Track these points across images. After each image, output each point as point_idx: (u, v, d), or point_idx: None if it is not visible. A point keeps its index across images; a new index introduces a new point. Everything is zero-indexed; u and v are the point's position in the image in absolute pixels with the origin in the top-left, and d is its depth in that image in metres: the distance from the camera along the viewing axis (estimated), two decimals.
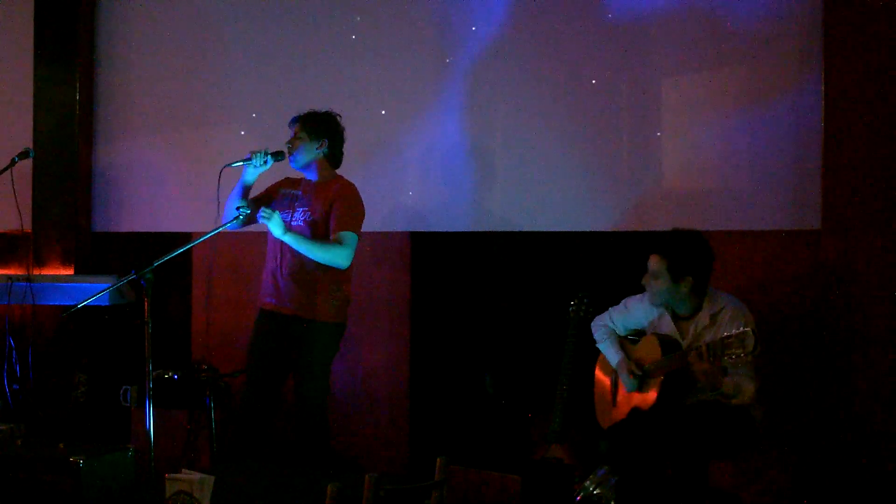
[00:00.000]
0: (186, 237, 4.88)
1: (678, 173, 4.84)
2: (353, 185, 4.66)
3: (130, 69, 5.79)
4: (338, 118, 4.69)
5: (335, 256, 4.47)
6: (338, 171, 4.71)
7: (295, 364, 4.57)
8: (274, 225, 4.40)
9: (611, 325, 4.37)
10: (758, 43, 4.67)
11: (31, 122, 5.77)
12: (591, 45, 4.96)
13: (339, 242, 4.47)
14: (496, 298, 5.12)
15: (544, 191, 5.03)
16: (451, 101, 5.19)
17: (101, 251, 5.82)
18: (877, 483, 4.34)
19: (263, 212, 4.42)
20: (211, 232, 4.51)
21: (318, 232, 4.53)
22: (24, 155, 4.82)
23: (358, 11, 5.36)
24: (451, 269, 5.22)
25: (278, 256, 4.57)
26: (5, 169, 4.78)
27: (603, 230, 4.92)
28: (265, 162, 4.52)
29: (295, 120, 4.65)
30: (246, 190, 4.61)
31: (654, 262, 4.06)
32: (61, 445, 4.40)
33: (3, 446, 4.44)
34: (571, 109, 4.99)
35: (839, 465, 4.41)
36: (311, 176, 4.65)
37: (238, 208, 4.49)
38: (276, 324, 4.58)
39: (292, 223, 4.55)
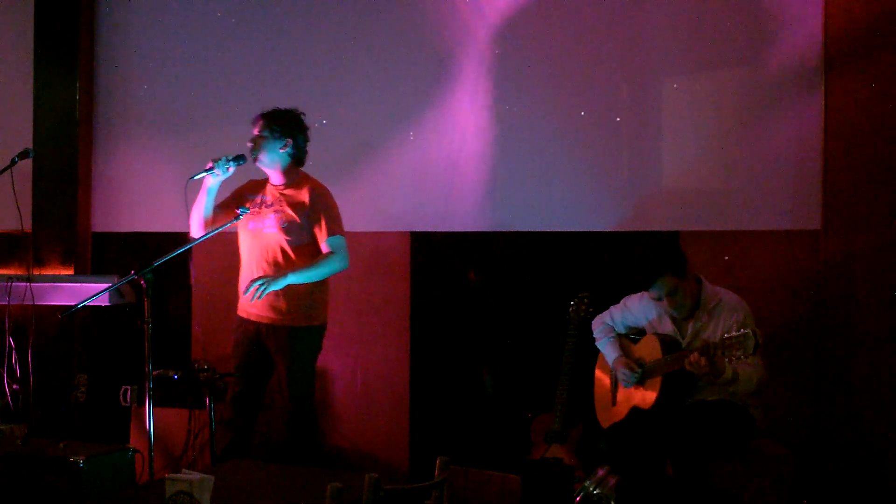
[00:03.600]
0: (186, 237, 4.87)
1: (678, 173, 4.84)
2: (323, 185, 4.58)
3: (130, 69, 5.79)
4: (302, 116, 4.58)
5: (337, 265, 4.47)
6: (312, 171, 4.62)
7: (281, 368, 4.53)
8: (273, 287, 4.37)
9: (611, 323, 4.37)
10: (758, 43, 4.67)
11: (31, 122, 5.77)
12: (590, 45, 4.96)
13: (333, 251, 4.45)
14: (496, 298, 5.12)
15: (544, 191, 5.03)
16: (452, 102, 5.19)
17: (101, 251, 5.82)
18: (876, 483, 4.34)
19: (262, 289, 4.37)
20: (211, 232, 4.51)
21: (294, 235, 4.46)
22: (24, 155, 4.82)
23: (360, 12, 5.36)
24: (451, 269, 5.22)
25: (254, 265, 4.52)
26: (5, 169, 4.78)
27: (603, 230, 4.92)
28: (228, 168, 4.42)
29: (258, 118, 4.55)
30: (210, 199, 4.51)
31: (668, 284, 4.01)
32: (61, 445, 4.40)
33: (4, 446, 4.44)
34: (571, 109, 4.99)
35: (839, 465, 4.41)
36: (277, 178, 4.56)
37: (238, 209, 4.47)
38: (257, 332, 4.55)
39: (265, 229, 4.48)
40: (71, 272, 5.68)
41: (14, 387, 5.36)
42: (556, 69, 5.02)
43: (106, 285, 4.81)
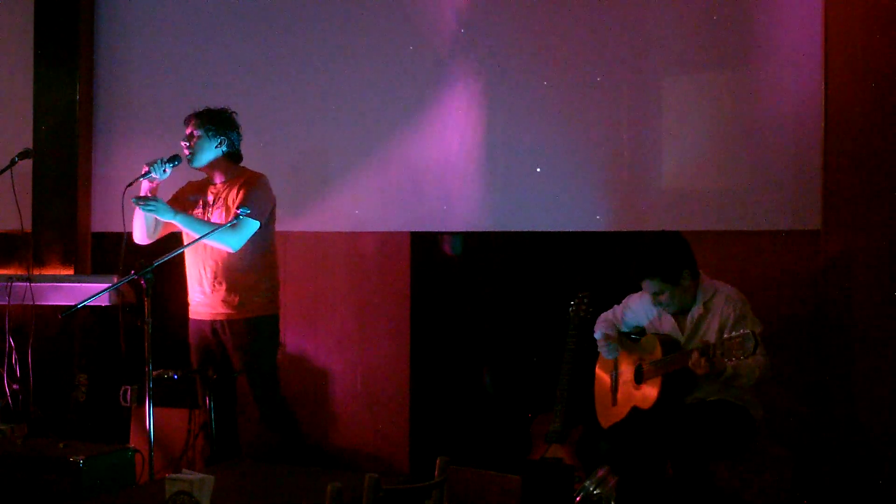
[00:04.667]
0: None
1: (678, 173, 4.84)
2: (263, 175, 4.56)
3: (130, 69, 5.79)
4: (234, 115, 4.59)
5: (223, 238, 4.35)
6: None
7: (242, 365, 4.53)
8: (162, 212, 4.31)
9: (612, 319, 4.38)
10: (758, 43, 4.67)
11: (31, 122, 5.77)
12: (590, 44, 4.96)
13: (232, 226, 4.36)
14: (496, 298, 5.12)
15: (544, 191, 5.03)
16: (451, 101, 5.18)
17: (101, 251, 5.82)
18: (876, 483, 4.34)
19: (148, 205, 4.30)
20: (210, 231, 4.51)
21: None
22: (24, 155, 4.82)
23: (358, 13, 5.36)
24: (451, 269, 5.21)
25: (200, 265, 4.52)
26: (5, 169, 4.78)
27: (603, 230, 4.92)
28: (164, 171, 4.39)
29: (190, 118, 4.53)
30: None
31: (649, 287, 4.06)
32: (61, 445, 4.40)
33: (3, 446, 4.44)
34: (571, 109, 4.99)
35: (839, 465, 4.41)
36: (217, 177, 4.56)
37: (238, 208, 4.48)
38: (213, 331, 4.55)
39: None
40: (71, 272, 5.68)
41: (14, 387, 5.36)
42: (556, 68, 5.01)
43: (106, 285, 4.81)
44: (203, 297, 4.55)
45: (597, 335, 4.38)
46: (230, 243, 4.38)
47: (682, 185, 4.83)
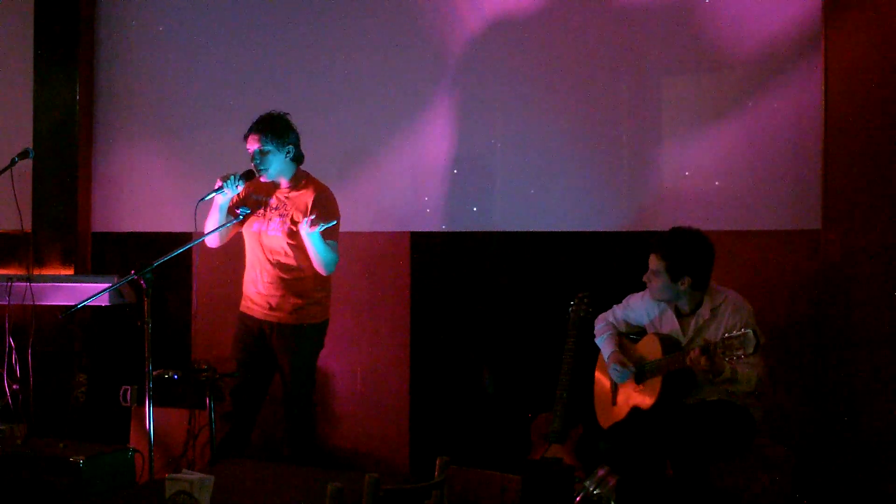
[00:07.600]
0: (187, 237, 4.88)
1: (678, 173, 4.84)
2: (328, 188, 4.60)
3: (130, 69, 5.79)
4: (289, 117, 4.59)
5: (333, 262, 4.48)
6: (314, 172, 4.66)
7: (282, 365, 4.56)
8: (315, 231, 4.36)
9: (612, 321, 4.38)
10: (758, 43, 4.67)
11: (31, 122, 5.77)
12: (590, 44, 4.96)
13: (335, 249, 4.48)
14: (496, 298, 5.12)
15: (544, 191, 5.03)
16: (451, 101, 5.19)
17: (101, 251, 5.82)
18: (876, 483, 4.34)
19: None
20: (210, 232, 4.52)
21: (298, 238, 4.47)
22: (24, 155, 4.82)
23: (357, 13, 5.36)
24: (451, 269, 5.22)
25: (258, 267, 4.55)
26: (5, 169, 4.78)
27: (603, 230, 4.92)
28: (237, 186, 4.44)
29: (253, 133, 4.52)
30: (222, 214, 4.53)
31: (653, 262, 4.08)
32: (61, 445, 4.40)
33: (4, 446, 4.44)
34: (571, 109, 4.99)
35: (839, 465, 4.41)
36: (283, 182, 4.57)
37: (238, 209, 4.50)
38: (260, 328, 4.57)
39: (269, 231, 4.50)
40: (71, 272, 5.68)
41: (14, 387, 5.36)
42: (556, 68, 5.01)
43: (106, 285, 4.81)
44: (258, 297, 4.57)
45: (598, 340, 4.37)
46: (331, 268, 4.47)
47: (683, 186, 4.83)
